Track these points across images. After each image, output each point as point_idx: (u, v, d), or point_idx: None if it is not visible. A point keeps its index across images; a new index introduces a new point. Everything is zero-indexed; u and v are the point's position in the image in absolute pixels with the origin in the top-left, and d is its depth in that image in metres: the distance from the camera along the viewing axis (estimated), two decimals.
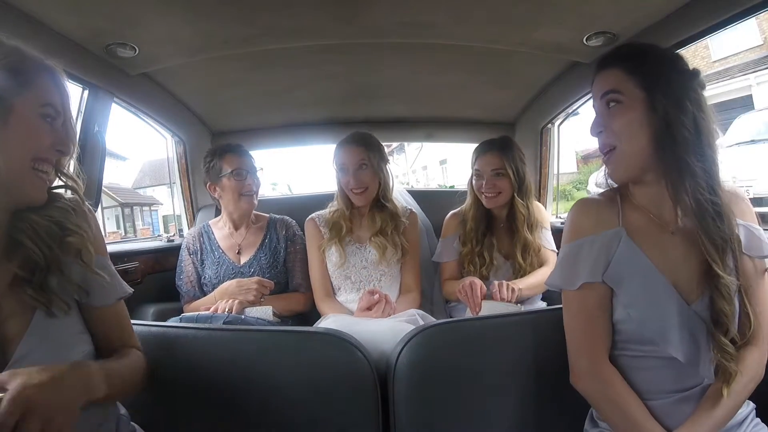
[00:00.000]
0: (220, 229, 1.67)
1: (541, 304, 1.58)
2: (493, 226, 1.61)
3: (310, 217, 1.59)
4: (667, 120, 0.75)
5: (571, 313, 0.84)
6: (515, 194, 1.55)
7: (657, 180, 0.79)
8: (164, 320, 1.24)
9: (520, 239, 1.56)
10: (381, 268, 1.50)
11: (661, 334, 0.75)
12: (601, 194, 0.87)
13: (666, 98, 0.75)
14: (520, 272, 1.55)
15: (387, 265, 1.50)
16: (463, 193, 1.68)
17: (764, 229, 0.82)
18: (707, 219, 0.75)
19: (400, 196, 1.77)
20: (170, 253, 1.78)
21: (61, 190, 0.73)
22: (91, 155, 1.42)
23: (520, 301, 1.44)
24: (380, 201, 1.54)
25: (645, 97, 0.77)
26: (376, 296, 1.32)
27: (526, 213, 1.56)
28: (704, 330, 0.76)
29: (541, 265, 1.59)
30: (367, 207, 1.55)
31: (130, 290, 0.80)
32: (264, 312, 1.38)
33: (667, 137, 0.75)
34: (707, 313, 0.76)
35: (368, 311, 1.32)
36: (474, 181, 1.60)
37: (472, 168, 1.61)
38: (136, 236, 12.68)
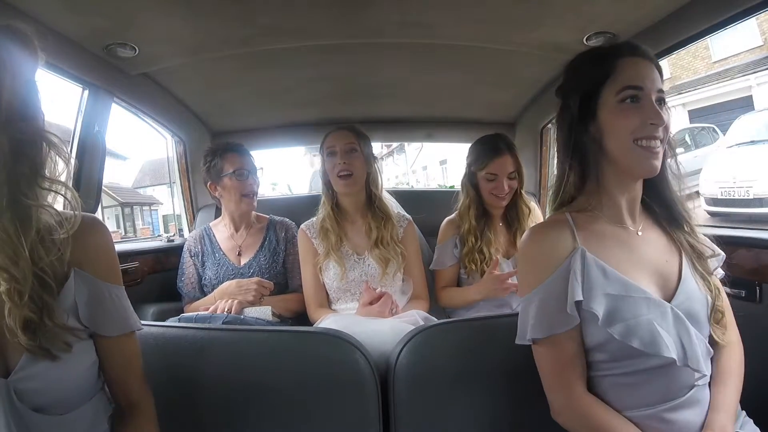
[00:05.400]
0: (221, 231, 1.67)
1: None
2: (490, 224, 1.60)
3: (300, 228, 1.52)
4: None
5: (547, 360, 0.79)
6: (520, 190, 1.58)
7: None
8: (164, 320, 1.24)
9: (522, 233, 1.57)
10: (383, 281, 1.41)
11: (650, 341, 0.71)
12: (548, 220, 0.87)
13: None
14: None
15: (390, 279, 1.42)
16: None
17: (764, 229, 0.83)
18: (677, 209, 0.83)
19: (388, 197, 1.66)
20: (170, 253, 1.78)
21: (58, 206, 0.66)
22: (91, 155, 1.42)
23: None
24: (371, 203, 1.48)
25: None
26: (379, 289, 1.29)
27: (529, 209, 1.60)
28: (686, 324, 0.74)
29: None
30: (357, 206, 1.49)
31: (138, 326, 0.75)
32: (263, 312, 1.38)
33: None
34: (688, 304, 0.77)
35: (371, 306, 1.26)
36: (483, 184, 1.55)
37: (479, 170, 1.55)
38: (136, 236, 12.70)
